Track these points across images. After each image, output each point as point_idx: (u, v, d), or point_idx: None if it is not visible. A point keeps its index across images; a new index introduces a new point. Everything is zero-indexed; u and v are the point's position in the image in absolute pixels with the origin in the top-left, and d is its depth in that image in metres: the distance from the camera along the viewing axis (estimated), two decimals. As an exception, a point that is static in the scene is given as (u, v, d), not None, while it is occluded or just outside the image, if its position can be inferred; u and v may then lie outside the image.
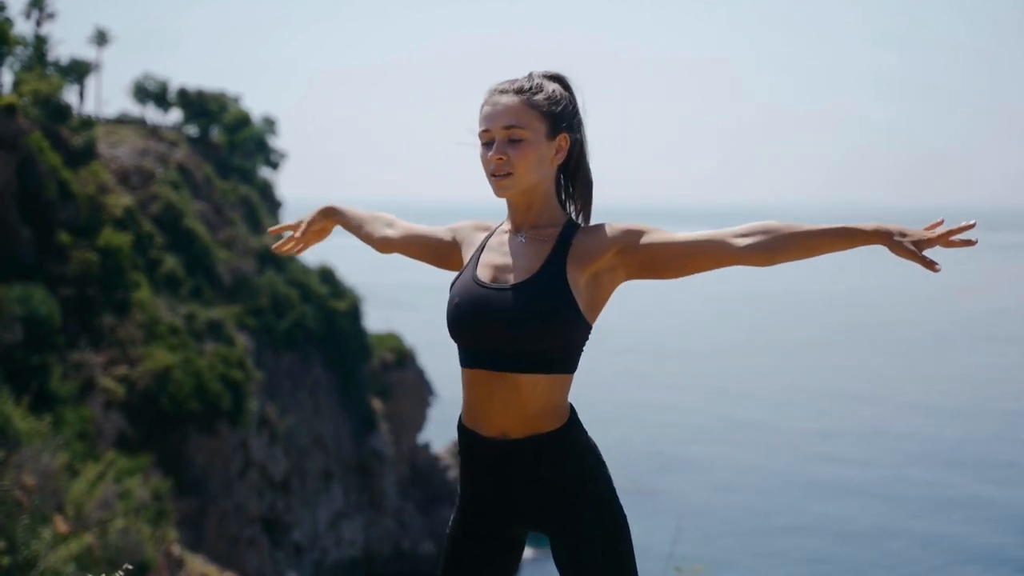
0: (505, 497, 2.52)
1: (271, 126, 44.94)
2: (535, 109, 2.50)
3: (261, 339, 31.87)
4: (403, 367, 38.55)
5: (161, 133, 37.26)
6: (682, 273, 2.48)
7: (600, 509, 2.48)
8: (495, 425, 2.48)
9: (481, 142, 2.54)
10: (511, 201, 2.57)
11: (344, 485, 34.39)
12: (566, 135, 2.54)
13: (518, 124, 2.48)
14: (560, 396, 2.49)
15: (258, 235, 37.13)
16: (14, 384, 19.06)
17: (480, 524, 2.57)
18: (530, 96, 2.51)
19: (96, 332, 25.95)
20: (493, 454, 2.50)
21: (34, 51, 33.72)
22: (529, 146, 2.48)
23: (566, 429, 2.49)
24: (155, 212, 30.85)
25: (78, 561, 13.24)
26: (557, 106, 2.53)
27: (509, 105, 2.50)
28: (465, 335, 2.49)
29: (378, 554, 34.68)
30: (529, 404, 2.45)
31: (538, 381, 2.44)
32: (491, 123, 2.50)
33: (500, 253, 2.56)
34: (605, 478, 2.52)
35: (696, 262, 2.46)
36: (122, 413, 24.77)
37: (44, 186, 26.34)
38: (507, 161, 2.47)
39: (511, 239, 2.56)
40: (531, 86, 2.53)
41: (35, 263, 25.35)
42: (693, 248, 2.46)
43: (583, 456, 2.50)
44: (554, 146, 2.53)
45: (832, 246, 2.43)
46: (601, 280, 2.50)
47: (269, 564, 28.99)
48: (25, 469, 13.88)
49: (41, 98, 29.45)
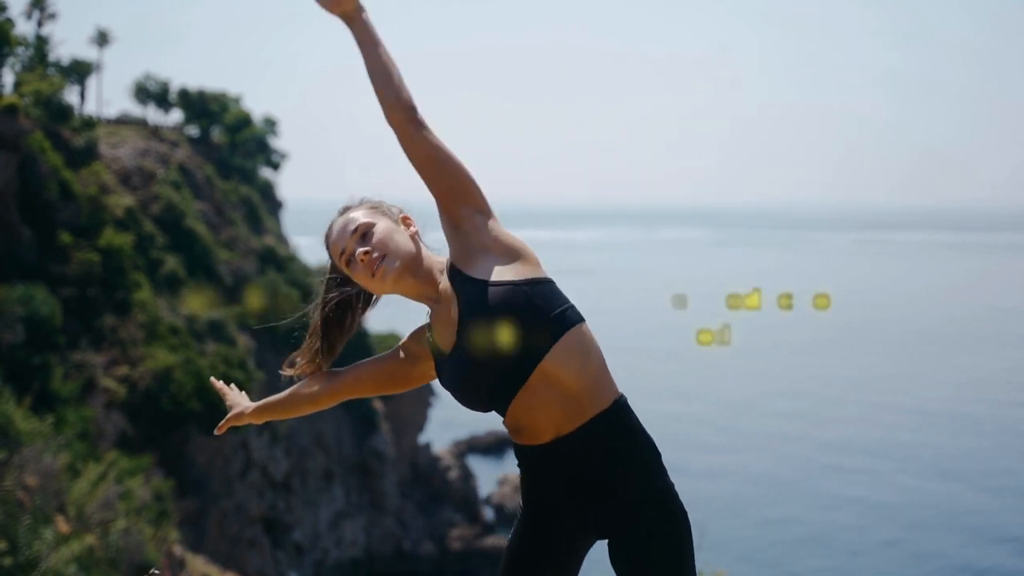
0: (568, 502, 2.51)
1: (272, 126, 44.95)
2: (368, 209, 2.59)
3: (262, 339, 31.89)
4: (404, 367, 38.52)
5: (162, 133, 37.29)
6: (425, 166, 2.51)
7: (662, 505, 2.46)
8: (548, 430, 2.46)
9: (347, 270, 2.58)
10: (408, 288, 2.58)
11: (345, 485, 34.40)
12: (407, 217, 2.63)
13: (362, 221, 2.55)
14: (595, 359, 2.47)
15: (259, 235, 37.15)
16: (16, 384, 19.07)
17: (542, 536, 2.57)
18: (355, 207, 2.61)
19: (97, 332, 25.97)
20: (553, 457, 2.47)
21: (35, 51, 33.74)
22: (382, 229, 2.54)
23: (615, 412, 2.46)
24: (156, 212, 30.87)
25: (79, 561, 13.26)
26: (382, 204, 2.63)
27: (346, 218, 2.58)
28: (479, 398, 2.51)
29: (379, 554, 34.69)
30: (569, 385, 2.43)
31: (559, 357, 2.42)
32: (341, 240, 2.56)
33: (439, 327, 2.56)
34: (663, 472, 2.50)
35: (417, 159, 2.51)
36: (123, 413, 24.79)
37: (45, 186, 26.36)
38: (372, 249, 2.51)
39: (435, 313, 2.58)
40: (353, 204, 2.62)
41: (36, 263, 25.38)
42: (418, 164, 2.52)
43: (641, 448, 2.48)
44: (403, 223, 2.60)
45: (361, 43, 2.51)
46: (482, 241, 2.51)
47: (270, 564, 29.01)
48: (27, 469, 13.90)
49: (42, 98, 29.48)
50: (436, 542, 35.75)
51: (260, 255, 35.45)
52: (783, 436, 46.46)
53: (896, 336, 72.04)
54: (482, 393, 2.49)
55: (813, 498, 38.35)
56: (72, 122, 30.06)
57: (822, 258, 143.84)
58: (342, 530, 33.83)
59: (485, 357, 2.43)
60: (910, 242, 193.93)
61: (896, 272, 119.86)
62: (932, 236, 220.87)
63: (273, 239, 38.11)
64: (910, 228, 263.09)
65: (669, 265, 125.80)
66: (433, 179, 2.51)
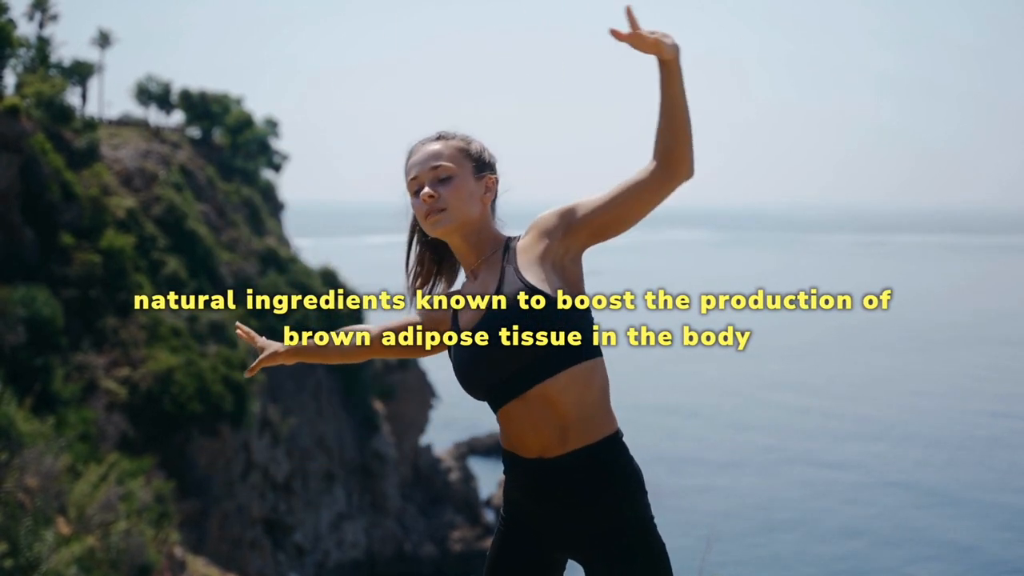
0: (544, 520, 2.51)
1: (273, 128, 44.97)
2: (458, 151, 2.56)
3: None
4: (405, 369, 38.54)
5: (164, 135, 37.31)
6: (624, 227, 2.47)
7: (638, 537, 2.45)
8: (533, 447, 2.46)
9: (411, 193, 2.58)
10: (454, 245, 2.59)
11: (346, 487, 34.39)
12: (492, 176, 2.60)
13: (444, 161, 2.53)
14: (595, 396, 2.45)
15: (261, 237, 37.16)
16: (17, 386, 19.07)
17: (520, 547, 2.56)
18: (448, 140, 2.58)
19: (99, 334, 25.98)
20: (533, 476, 2.48)
21: (37, 53, 33.75)
22: (459, 181, 2.53)
23: (605, 445, 2.45)
24: (157, 214, 30.88)
25: (80, 563, 13.26)
26: (477, 149, 2.59)
27: (432, 148, 2.56)
28: (478, 387, 2.49)
29: (380, 556, 34.68)
30: (565, 413, 2.42)
31: (566, 384, 2.41)
32: (418, 168, 2.55)
33: (467, 303, 2.56)
34: (644, 505, 2.48)
35: (629, 211, 2.44)
36: (124, 415, 24.79)
37: (47, 188, 26.37)
38: (439, 197, 2.51)
39: (471, 285, 2.58)
40: (450, 135, 2.60)
41: (38, 264, 25.38)
42: (619, 201, 2.44)
43: (623, 480, 2.46)
44: (483, 184, 2.57)
45: (670, 87, 2.37)
46: (563, 264, 2.48)
47: (271, 566, 29.00)
48: (28, 471, 13.89)
49: (44, 100, 29.49)
50: (437, 544, 35.74)
51: (261, 256, 35.45)
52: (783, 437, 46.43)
53: (896, 337, 72.01)
54: (481, 385, 2.49)
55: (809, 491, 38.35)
56: (74, 123, 30.07)
57: (822, 259, 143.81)
58: (343, 532, 33.82)
59: (497, 354, 2.43)
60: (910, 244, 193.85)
61: (896, 274, 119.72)
62: (932, 238, 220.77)
63: (274, 240, 38.12)
64: (910, 230, 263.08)
65: (670, 266, 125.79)
66: (621, 222, 2.47)
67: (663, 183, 2.40)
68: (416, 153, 2.58)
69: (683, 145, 2.38)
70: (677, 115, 2.37)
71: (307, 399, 33.37)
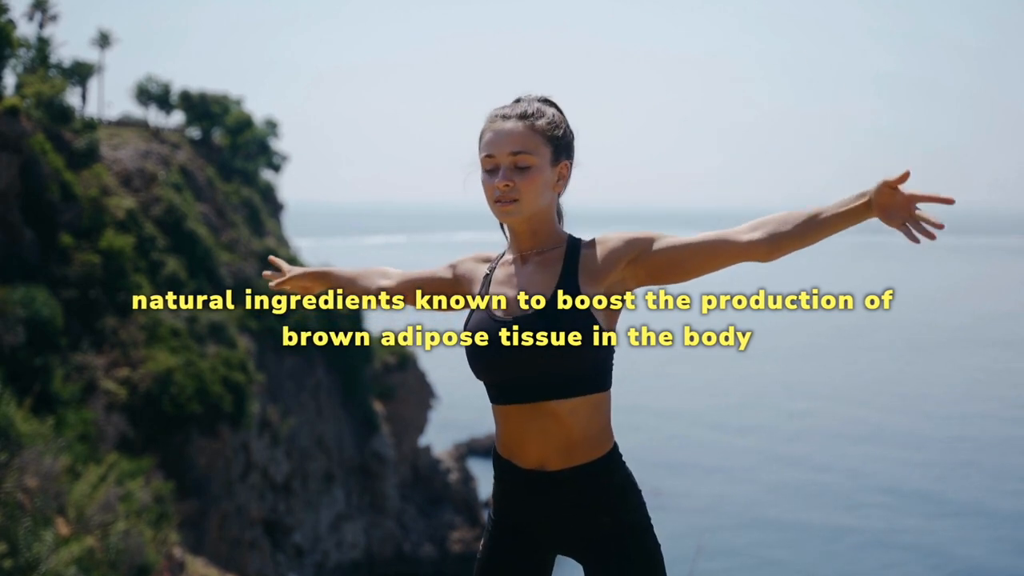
0: (539, 526, 2.50)
1: (273, 128, 44.97)
2: (540, 135, 2.46)
3: (263, 341, 31.88)
4: (405, 369, 38.55)
5: (163, 135, 37.30)
6: (688, 277, 2.45)
7: (635, 540, 2.45)
8: (533, 458, 2.44)
9: (484, 168, 2.48)
10: (514, 228, 2.52)
11: (346, 487, 34.39)
12: (567, 163, 2.51)
13: (525, 150, 2.43)
14: (602, 419, 2.45)
15: (260, 237, 37.15)
16: (16, 386, 19.05)
17: (511, 547, 2.55)
18: (534, 121, 2.46)
19: (98, 334, 25.98)
20: (530, 486, 2.46)
21: (37, 53, 33.76)
22: (536, 172, 2.43)
23: (605, 461, 2.45)
24: (157, 214, 30.87)
25: (80, 563, 13.25)
26: (559, 130, 2.49)
27: (514, 131, 2.44)
28: (492, 372, 2.44)
29: (379, 556, 34.68)
30: (572, 432, 2.41)
31: (577, 406, 2.40)
32: (496, 149, 2.44)
33: (510, 284, 2.50)
34: (641, 509, 2.50)
35: (701, 264, 2.43)
36: (124, 415, 24.79)
37: (47, 188, 26.37)
38: (514, 187, 2.42)
39: (518, 268, 2.51)
40: (533, 111, 2.47)
41: (38, 265, 25.37)
42: (698, 250, 2.42)
43: (621, 489, 2.47)
44: (556, 172, 2.49)
45: (831, 227, 2.35)
46: (615, 292, 2.46)
47: (271, 566, 29.00)
48: (27, 471, 13.89)
49: (44, 100, 29.49)
50: (436, 544, 35.74)
51: (261, 257, 35.44)
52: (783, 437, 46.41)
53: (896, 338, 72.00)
54: (497, 374, 2.44)
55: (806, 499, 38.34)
56: (73, 124, 30.07)
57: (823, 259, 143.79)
58: (342, 532, 33.82)
59: (527, 355, 2.39)
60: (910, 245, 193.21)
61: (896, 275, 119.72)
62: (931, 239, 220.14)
63: (274, 241, 38.12)
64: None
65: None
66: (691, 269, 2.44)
67: (751, 255, 2.42)
68: (497, 128, 2.47)
69: (795, 248, 2.41)
70: (821, 237, 2.39)
71: (306, 399, 33.37)
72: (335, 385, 34.88)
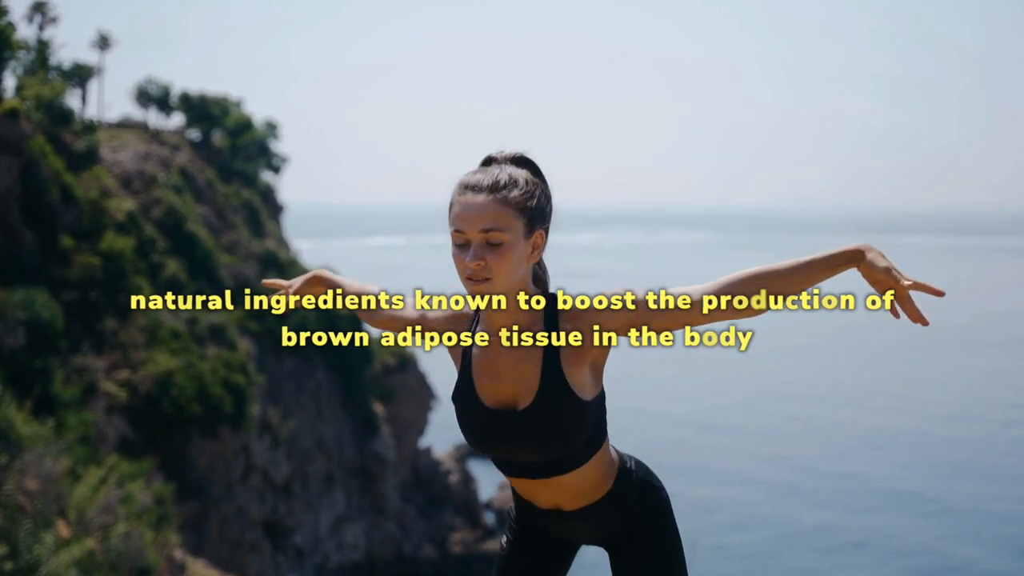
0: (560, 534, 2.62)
1: (273, 130, 44.99)
2: (512, 208, 2.29)
3: (263, 343, 31.89)
4: (405, 370, 38.57)
5: (163, 137, 37.32)
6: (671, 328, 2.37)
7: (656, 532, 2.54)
8: (547, 504, 2.51)
9: (454, 243, 2.32)
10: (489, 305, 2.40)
11: (346, 489, 34.39)
12: (542, 231, 2.36)
13: (496, 227, 2.27)
14: (607, 460, 2.48)
15: (260, 239, 37.16)
16: (17, 388, 19.07)
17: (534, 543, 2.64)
18: (506, 194, 2.30)
19: (99, 336, 25.98)
20: (548, 516, 2.55)
21: (37, 55, 33.79)
22: (508, 249, 2.28)
23: (617, 486, 2.50)
24: (157, 216, 30.88)
25: (80, 565, 13.25)
26: (532, 200, 2.33)
27: (484, 206, 2.28)
28: (488, 455, 2.48)
29: (380, 557, 34.67)
30: (583, 487, 2.47)
31: (579, 474, 2.44)
32: (466, 225, 2.28)
33: (490, 369, 2.41)
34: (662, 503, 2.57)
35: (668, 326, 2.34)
36: (124, 417, 24.79)
37: (47, 190, 26.38)
38: (486, 266, 2.27)
39: (496, 352, 2.40)
40: (504, 181, 2.31)
41: (38, 267, 25.38)
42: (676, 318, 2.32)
43: (637, 498, 2.53)
44: (531, 244, 2.33)
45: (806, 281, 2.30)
46: (598, 362, 2.41)
47: (271, 568, 28.99)
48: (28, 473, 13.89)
49: (44, 102, 29.51)
50: (437, 546, 35.74)
51: (261, 259, 35.46)
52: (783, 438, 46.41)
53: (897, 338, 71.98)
54: (492, 455, 2.46)
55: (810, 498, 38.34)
56: (73, 126, 30.09)
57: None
58: (343, 534, 33.82)
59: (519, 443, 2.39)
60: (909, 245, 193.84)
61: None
62: (931, 239, 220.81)
63: (274, 243, 38.13)
64: (909, 231, 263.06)
65: (669, 267, 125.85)
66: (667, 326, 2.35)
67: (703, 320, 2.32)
68: (466, 202, 2.30)
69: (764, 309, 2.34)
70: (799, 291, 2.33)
71: (307, 401, 33.38)
72: (335, 386, 34.89)
